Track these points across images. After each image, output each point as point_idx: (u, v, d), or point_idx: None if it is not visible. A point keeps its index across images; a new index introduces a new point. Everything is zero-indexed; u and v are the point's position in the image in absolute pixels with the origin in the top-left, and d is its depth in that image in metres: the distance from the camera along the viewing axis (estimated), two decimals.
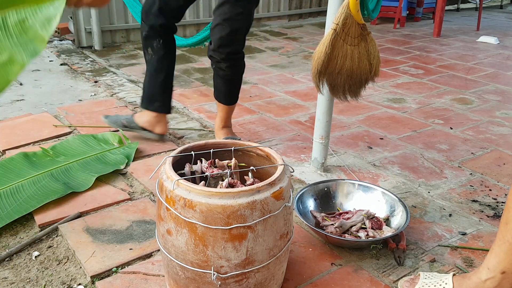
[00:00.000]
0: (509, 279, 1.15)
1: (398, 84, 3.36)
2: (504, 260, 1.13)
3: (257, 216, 1.11)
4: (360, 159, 2.19)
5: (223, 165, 1.35)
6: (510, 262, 1.12)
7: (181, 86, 3.19)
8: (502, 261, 1.14)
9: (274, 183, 1.15)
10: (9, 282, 1.38)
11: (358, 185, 1.77)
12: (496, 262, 1.15)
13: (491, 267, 1.16)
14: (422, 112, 2.81)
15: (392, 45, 4.52)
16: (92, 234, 1.58)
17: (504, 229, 1.12)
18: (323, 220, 1.63)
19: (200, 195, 1.10)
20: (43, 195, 1.73)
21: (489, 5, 7.49)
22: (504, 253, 1.13)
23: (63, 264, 1.46)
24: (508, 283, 1.15)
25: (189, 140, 2.35)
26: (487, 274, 1.17)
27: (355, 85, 1.78)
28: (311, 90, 3.13)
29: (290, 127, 2.55)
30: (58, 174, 1.88)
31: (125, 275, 1.40)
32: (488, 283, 1.17)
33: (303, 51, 4.24)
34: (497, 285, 1.16)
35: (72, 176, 1.89)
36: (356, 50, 1.71)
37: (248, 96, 3.03)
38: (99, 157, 2.05)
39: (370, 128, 2.56)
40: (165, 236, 1.19)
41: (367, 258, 1.50)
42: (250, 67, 3.71)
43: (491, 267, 1.16)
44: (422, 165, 2.14)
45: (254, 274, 1.19)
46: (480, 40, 4.79)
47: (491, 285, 1.17)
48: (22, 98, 2.86)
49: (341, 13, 1.64)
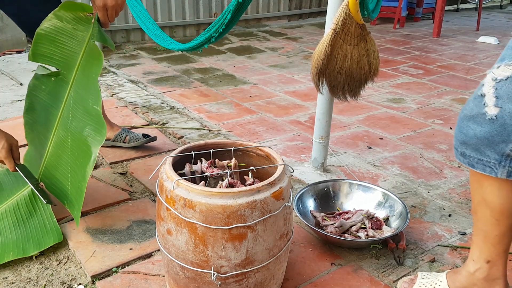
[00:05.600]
0: (498, 267, 1.16)
1: (397, 84, 3.36)
2: (485, 249, 1.15)
3: (257, 216, 1.12)
4: (360, 159, 2.19)
5: (223, 165, 1.35)
6: (491, 250, 1.14)
7: (181, 86, 3.19)
8: (483, 250, 1.16)
9: (274, 183, 1.16)
10: (9, 282, 1.38)
11: (358, 185, 1.77)
12: (478, 252, 1.17)
13: (475, 258, 1.18)
14: (422, 112, 2.81)
15: (392, 45, 4.52)
16: (92, 234, 1.58)
17: (475, 218, 1.15)
18: (323, 220, 1.64)
19: (200, 195, 1.10)
20: None
21: (488, 5, 7.49)
22: (483, 241, 1.15)
23: (63, 264, 1.46)
24: (497, 271, 1.17)
25: (189, 140, 2.35)
26: (474, 265, 1.19)
27: (355, 85, 1.79)
28: (311, 90, 3.13)
29: (290, 127, 2.56)
30: None
31: (125, 275, 1.41)
32: (477, 274, 1.19)
33: (303, 51, 4.24)
34: (486, 275, 1.17)
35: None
36: (356, 50, 1.72)
37: (248, 96, 3.03)
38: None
39: (370, 128, 2.56)
40: (165, 236, 1.19)
41: (367, 258, 1.51)
42: (250, 67, 3.72)
43: (475, 258, 1.18)
44: (422, 165, 2.14)
45: (254, 274, 1.19)
46: (479, 40, 4.79)
47: (481, 276, 1.18)
48: (22, 98, 2.86)
49: (340, 13, 1.64)
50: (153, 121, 2.56)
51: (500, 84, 0.97)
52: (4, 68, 3.43)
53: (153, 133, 2.40)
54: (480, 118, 1.00)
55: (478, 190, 1.11)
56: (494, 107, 0.97)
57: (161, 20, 4.50)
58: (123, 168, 2.05)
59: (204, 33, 2.31)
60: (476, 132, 1.02)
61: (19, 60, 3.68)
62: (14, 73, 3.35)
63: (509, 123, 0.96)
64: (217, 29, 2.23)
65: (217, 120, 2.62)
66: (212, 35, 2.26)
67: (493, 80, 0.98)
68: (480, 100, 1.00)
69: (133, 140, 2.17)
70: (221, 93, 3.08)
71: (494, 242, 1.13)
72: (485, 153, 1.02)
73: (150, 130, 2.44)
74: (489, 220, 1.10)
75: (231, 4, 2.10)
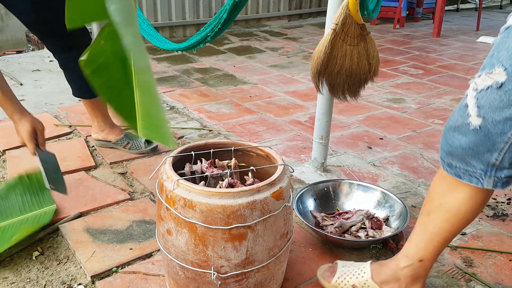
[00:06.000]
0: (425, 266, 1.19)
1: (397, 84, 3.36)
2: (423, 249, 1.17)
3: (257, 216, 1.12)
4: (360, 159, 2.19)
5: (223, 165, 1.35)
6: (429, 251, 1.16)
7: (181, 86, 3.19)
8: (421, 250, 1.17)
9: (274, 183, 1.16)
10: (9, 282, 1.38)
11: (357, 185, 1.77)
12: (415, 251, 1.19)
13: (410, 255, 1.20)
14: (422, 112, 2.81)
15: (392, 45, 4.52)
16: (92, 234, 1.58)
17: (426, 219, 1.15)
18: (323, 220, 1.64)
19: (200, 195, 1.10)
20: None
21: (488, 5, 7.49)
22: (425, 242, 1.16)
23: (63, 264, 1.46)
24: (424, 270, 1.20)
25: (189, 140, 2.35)
26: (406, 262, 1.20)
27: (355, 85, 1.79)
28: (311, 90, 3.13)
29: (290, 127, 2.56)
30: None
31: (125, 275, 1.41)
32: (405, 270, 1.21)
33: (303, 51, 4.24)
34: (414, 273, 1.20)
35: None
36: (356, 50, 1.72)
37: (248, 96, 3.03)
38: None
39: (370, 128, 2.56)
40: (165, 236, 1.19)
41: (367, 258, 1.51)
42: (250, 67, 3.72)
43: (410, 256, 1.20)
44: (422, 165, 2.14)
45: (254, 274, 1.19)
46: (479, 40, 4.79)
47: (408, 273, 1.21)
48: (22, 98, 2.86)
49: (340, 13, 1.64)
50: None
51: (481, 94, 0.96)
52: (4, 68, 3.43)
53: None
54: (464, 128, 1.00)
55: (444, 195, 1.10)
56: (477, 118, 0.97)
57: (161, 20, 4.50)
58: (123, 168, 2.05)
59: (199, 32, 2.30)
60: (461, 143, 1.01)
61: (19, 60, 3.69)
62: (14, 73, 3.36)
63: (493, 132, 0.95)
64: (213, 28, 2.21)
65: (217, 120, 2.63)
66: (208, 34, 2.25)
67: (474, 90, 0.98)
68: (464, 111, 1.00)
69: (134, 148, 2.16)
70: (221, 93, 3.08)
71: (437, 244, 1.15)
72: (471, 163, 1.01)
73: None
74: (442, 225, 1.11)
75: (227, 3, 2.09)
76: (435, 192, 1.13)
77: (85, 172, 2.00)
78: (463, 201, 1.07)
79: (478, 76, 0.97)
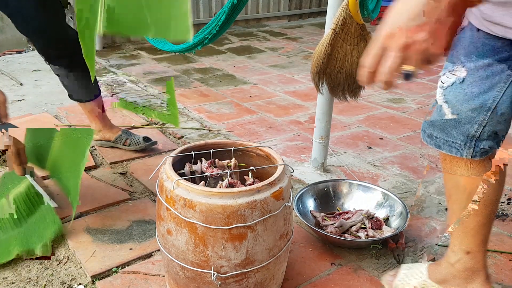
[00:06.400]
0: (476, 258, 1.16)
1: (397, 84, 3.36)
2: (464, 239, 1.16)
3: (257, 216, 1.12)
4: (360, 159, 2.19)
5: (223, 165, 1.35)
6: (470, 241, 1.15)
7: (181, 86, 3.19)
8: (463, 241, 1.16)
9: (274, 183, 1.16)
10: (9, 282, 1.38)
11: (358, 185, 1.77)
12: (458, 244, 1.18)
13: (455, 249, 1.19)
14: (422, 112, 2.81)
15: None
16: (92, 234, 1.58)
17: (450, 203, 1.17)
18: (323, 220, 1.64)
19: (200, 195, 1.10)
20: None
21: None
22: (461, 231, 1.16)
23: (63, 264, 1.46)
24: (477, 262, 1.17)
25: (189, 140, 2.35)
26: (454, 256, 1.20)
27: (355, 85, 1.79)
28: (311, 90, 3.13)
29: (290, 127, 2.56)
30: None
31: (125, 275, 1.41)
32: (457, 265, 1.19)
33: (303, 51, 4.24)
34: (467, 267, 1.17)
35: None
36: (356, 50, 1.72)
37: (248, 96, 3.03)
38: None
39: (370, 128, 2.56)
40: (165, 236, 1.19)
41: (367, 258, 1.51)
42: (250, 67, 3.72)
43: (455, 250, 1.19)
44: (422, 165, 2.14)
45: (254, 274, 1.19)
46: None
47: (461, 268, 1.18)
48: (22, 98, 2.86)
49: (340, 13, 1.64)
50: (153, 121, 2.57)
51: (447, 90, 1.04)
52: (4, 68, 3.43)
53: (153, 133, 2.40)
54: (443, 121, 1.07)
55: (451, 175, 1.13)
56: (452, 115, 1.05)
57: None
58: (123, 168, 2.05)
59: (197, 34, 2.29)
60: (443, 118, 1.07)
61: (19, 60, 3.69)
62: (14, 73, 3.35)
63: (470, 115, 1.02)
64: (211, 31, 2.21)
65: (217, 120, 2.63)
66: (206, 37, 2.24)
67: (440, 88, 1.06)
68: (440, 108, 1.07)
69: (134, 143, 2.16)
70: (221, 93, 3.08)
71: (474, 232, 1.14)
72: (451, 134, 1.06)
73: (150, 130, 2.45)
74: (465, 204, 1.12)
75: (226, 6, 2.08)
76: (445, 176, 1.16)
77: (85, 172, 2.00)
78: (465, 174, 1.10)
79: (443, 74, 1.05)
